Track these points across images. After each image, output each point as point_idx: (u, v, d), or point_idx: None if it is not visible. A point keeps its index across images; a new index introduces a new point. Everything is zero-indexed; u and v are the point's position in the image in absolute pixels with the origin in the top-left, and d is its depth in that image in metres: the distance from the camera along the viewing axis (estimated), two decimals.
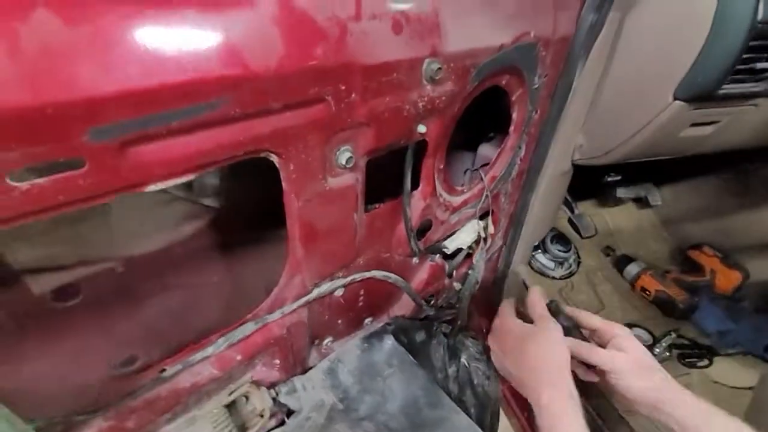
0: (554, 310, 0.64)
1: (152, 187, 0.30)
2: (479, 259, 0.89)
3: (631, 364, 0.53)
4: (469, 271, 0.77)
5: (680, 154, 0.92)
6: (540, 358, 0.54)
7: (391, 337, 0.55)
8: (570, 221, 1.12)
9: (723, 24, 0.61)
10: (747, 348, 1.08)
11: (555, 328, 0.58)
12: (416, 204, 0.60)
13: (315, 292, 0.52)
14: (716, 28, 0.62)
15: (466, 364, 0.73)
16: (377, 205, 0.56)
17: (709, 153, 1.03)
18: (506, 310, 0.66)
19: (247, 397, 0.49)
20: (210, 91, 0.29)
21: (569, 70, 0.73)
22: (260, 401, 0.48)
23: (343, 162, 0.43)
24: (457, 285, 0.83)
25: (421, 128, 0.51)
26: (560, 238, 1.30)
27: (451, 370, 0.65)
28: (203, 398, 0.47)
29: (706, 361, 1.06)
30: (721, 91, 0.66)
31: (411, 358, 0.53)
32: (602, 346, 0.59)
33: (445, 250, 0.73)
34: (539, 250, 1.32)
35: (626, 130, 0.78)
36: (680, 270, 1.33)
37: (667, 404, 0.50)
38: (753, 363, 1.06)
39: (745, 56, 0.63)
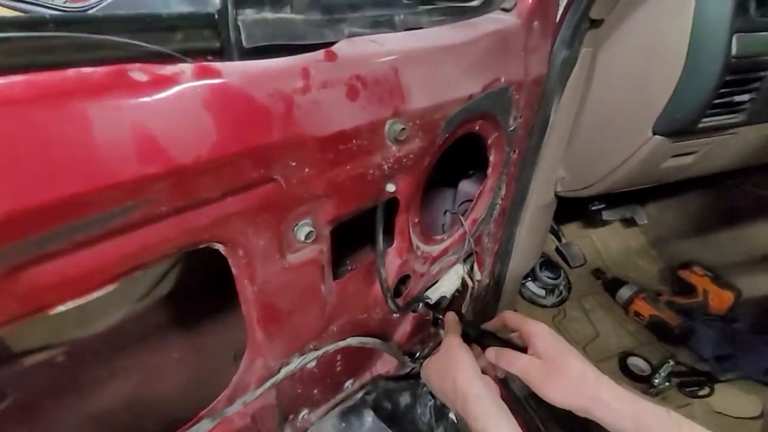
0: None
1: (61, 308, 0.26)
2: (468, 307, 0.85)
3: (546, 372, 0.50)
4: None
5: (662, 182, 0.90)
6: (442, 373, 0.55)
7: (371, 413, 0.50)
8: (557, 250, 1.09)
9: (697, 60, 0.60)
10: (747, 372, 1.05)
11: (450, 339, 0.58)
12: (392, 262, 0.55)
13: (283, 372, 0.47)
14: (690, 65, 0.60)
15: (455, 420, 0.68)
16: (348, 268, 0.51)
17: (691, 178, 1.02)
18: (435, 353, 0.62)
19: None
20: (123, 195, 0.25)
21: (545, 106, 0.71)
22: None
23: (303, 237, 0.39)
24: (442, 333, 0.78)
25: (390, 187, 0.47)
26: (549, 264, 1.27)
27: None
28: None
29: (707, 389, 1.03)
30: (700, 125, 0.65)
31: None
32: (526, 347, 0.56)
33: (428, 300, 0.69)
34: (529, 278, 1.28)
35: (607, 164, 0.76)
36: (672, 291, 1.31)
37: (590, 409, 0.47)
38: (755, 388, 1.03)
39: (722, 90, 0.62)
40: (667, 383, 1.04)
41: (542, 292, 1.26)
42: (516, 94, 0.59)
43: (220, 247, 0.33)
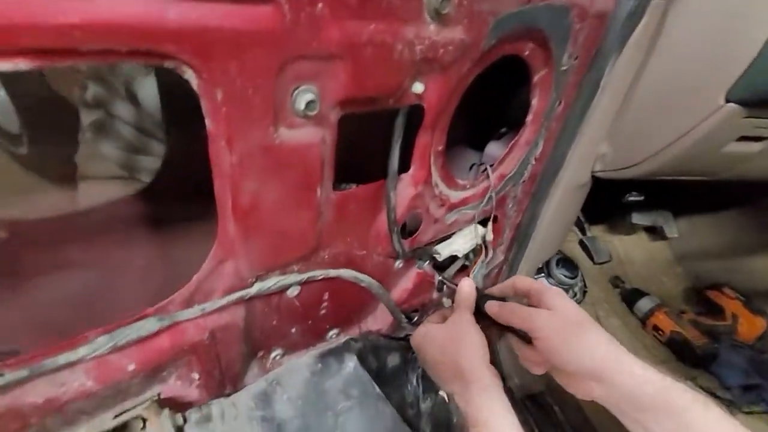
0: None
1: None
2: (478, 273, 0.76)
3: (557, 321, 0.44)
4: None
5: (716, 176, 0.80)
6: (446, 352, 0.47)
7: (355, 359, 0.41)
8: (581, 243, 0.99)
9: None
10: None
11: (461, 314, 0.50)
12: (404, 190, 0.47)
13: (256, 288, 0.39)
14: None
15: (446, 399, 0.59)
16: (352, 185, 0.43)
17: (746, 180, 0.91)
18: (431, 318, 0.54)
19: (145, 421, 0.36)
20: None
21: (599, 65, 0.62)
22: (157, 430, 0.34)
23: (303, 106, 0.31)
24: (447, 302, 0.69)
25: (418, 87, 0.39)
26: (566, 262, 1.17)
27: (425, 406, 0.52)
28: (76, 419, 0.34)
29: None
30: None
31: (377, 390, 0.40)
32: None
33: (436, 256, 0.60)
34: (542, 274, 1.18)
35: (662, 138, 0.66)
36: (696, 311, 1.20)
37: (607, 372, 0.41)
38: None
39: None
40: None
41: None
42: (577, 22, 0.50)
43: (189, 75, 0.25)
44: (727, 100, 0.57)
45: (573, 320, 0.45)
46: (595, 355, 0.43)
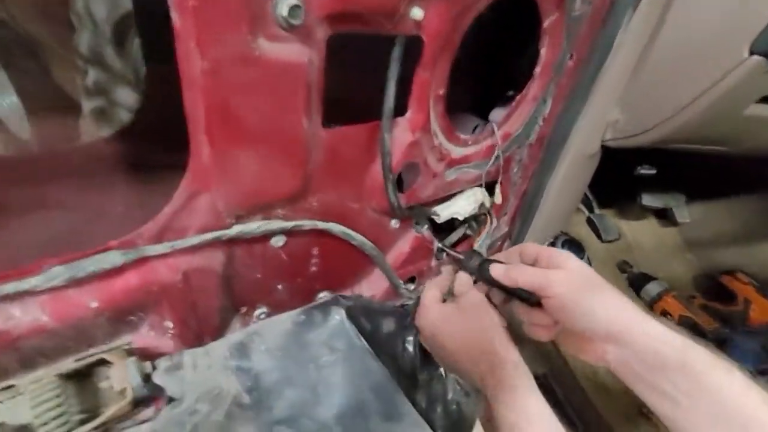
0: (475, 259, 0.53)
1: None
2: (483, 244, 0.73)
3: (569, 279, 0.42)
4: None
5: (735, 147, 0.76)
6: (469, 334, 0.45)
7: (342, 312, 0.38)
8: (589, 221, 0.95)
9: None
10: None
11: (475, 294, 0.49)
12: (401, 136, 0.43)
13: (236, 230, 0.35)
14: None
15: (443, 374, 0.56)
16: (344, 123, 0.40)
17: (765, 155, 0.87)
18: (429, 294, 0.52)
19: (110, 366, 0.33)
20: None
21: (615, 15, 0.58)
22: (120, 375, 0.31)
23: (285, 12, 0.27)
24: (446, 270, 0.66)
25: (416, 13, 0.35)
26: (572, 243, 1.13)
27: (423, 378, 0.48)
28: (34, 360, 0.31)
29: None
30: None
31: (364, 342, 0.37)
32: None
33: (435, 217, 0.56)
34: None
35: (678, 98, 0.62)
36: (706, 297, 1.16)
37: (624, 331, 0.39)
38: None
39: None
40: None
41: None
42: None
43: None
44: (751, 53, 0.53)
45: (587, 279, 0.42)
46: (611, 312, 0.40)
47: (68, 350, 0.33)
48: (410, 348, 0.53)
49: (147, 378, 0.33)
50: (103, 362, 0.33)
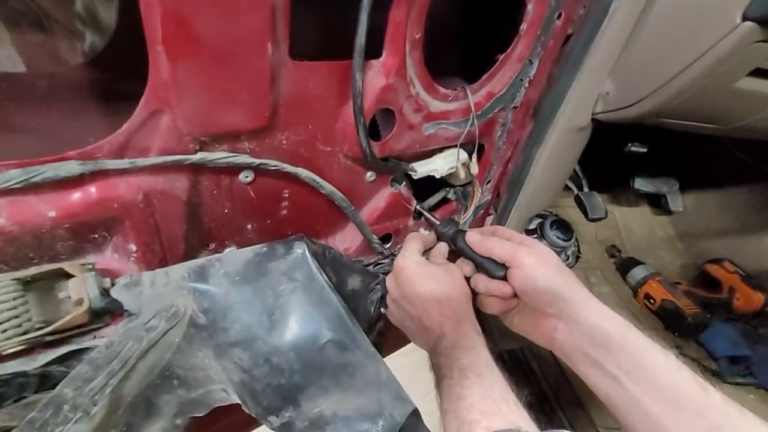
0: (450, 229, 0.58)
1: None
2: (468, 220, 0.73)
3: (537, 255, 0.47)
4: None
5: (727, 125, 0.74)
6: (446, 290, 0.49)
7: (304, 247, 0.39)
8: (577, 198, 0.95)
9: None
10: (761, 381, 0.91)
11: (454, 266, 0.54)
12: (374, 78, 0.43)
13: (199, 156, 0.36)
14: None
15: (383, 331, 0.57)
16: (314, 58, 0.39)
17: (760, 137, 0.85)
18: (414, 243, 0.56)
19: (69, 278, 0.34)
20: None
21: None
22: (78, 287, 0.32)
23: None
24: (424, 232, 0.66)
25: None
26: (561, 224, 1.13)
27: (371, 338, 0.49)
28: None
29: None
30: None
31: (323, 276, 0.37)
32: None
33: (412, 173, 0.56)
34: (535, 236, 1.15)
35: (670, 67, 0.61)
36: (692, 284, 1.16)
37: (575, 309, 0.43)
38: (765, 397, 0.89)
39: None
40: None
41: None
42: None
43: None
44: (744, 19, 0.52)
45: (552, 258, 0.47)
46: (567, 291, 0.44)
47: (30, 261, 0.33)
48: (371, 309, 0.53)
49: (106, 293, 0.34)
50: (64, 276, 0.34)
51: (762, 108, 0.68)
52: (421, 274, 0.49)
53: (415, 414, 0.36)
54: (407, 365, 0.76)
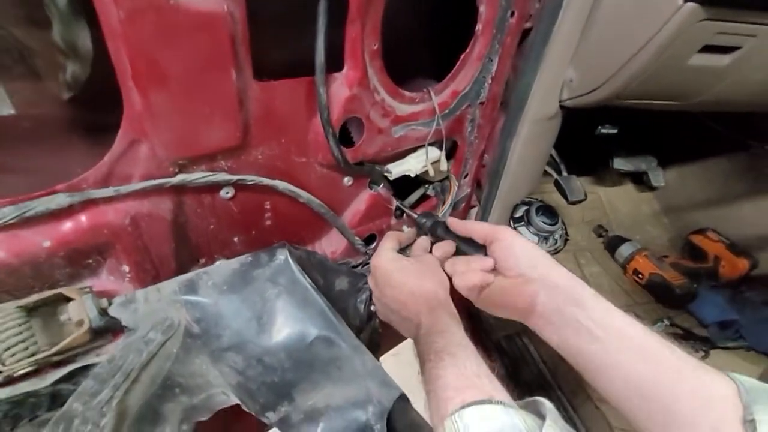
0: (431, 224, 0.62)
1: None
2: (447, 211, 0.76)
3: (512, 231, 0.53)
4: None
5: (688, 101, 0.77)
6: (419, 282, 0.52)
7: (286, 253, 0.41)
8: (556, 183, 0.98)
9: None
10: (750, 343, 0.94)
11: (431, 257, 0.57)
12: (338, 91, 0.46)
13: (179, 178, 0.38)
14: None
15: (378, 329, 0.59)
16: (278, 78, 0.42)
17: (723, 109, 0.89)
18: (388, 242, 0.59)
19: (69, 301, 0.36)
20: None
21: None
22: (78, 309, 0.35)
23: None
24: (406, 230, 0.69)
25: None
26: (546, 209, 1.16)
27: (364, 336, 0.52)
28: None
29: (701, 353, 0.92)
30: None
31: (306, 279, 0.40)
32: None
33: (387, 174, 0.59)
34: (522, 223, 1.18)
35: (623, 52, 0.64)
36: (679, 256, 1.19)
37: (553, 273, 0.48)
38: (755, 359, 0.92)
39: None
40: None
41: (535, 239, 1.16)
42: None
43: None
44: (686, 0, 0.55)
45: (525, 238, 0.53)
46: (542, 259, 0.49)
47: (31, 290, 0.36)
48: (361, 308, 0.56)
49: (104, 312, 0.37)
50: (64, 299, 0.37)
51: (717, 81, 0.71)
52: (393, 270, 0.52)
53: (403, 398, 0.39)
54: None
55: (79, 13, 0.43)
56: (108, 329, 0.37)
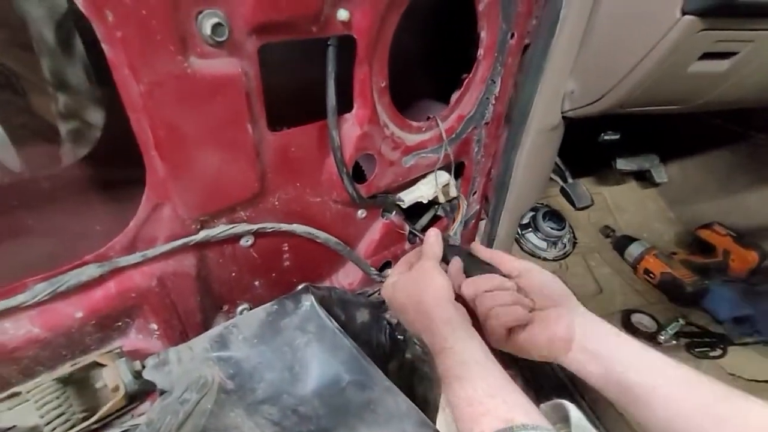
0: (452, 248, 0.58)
1: None
2: (456, 232, 0.76)
3: (540, 268, 0.51)
4: None
5: (689, 105, 0.78)
6: (412, 295, 0.49)
7: (311, 298, 0.42)
8: (563, 191, 0.98)
9: None
10: (767, 336, 0.94)
11: (424, 262, 0.52)
12: (350, 130, 0.46)
13: (202, 234, 0.39)
14: None
15: (412, 360, 0.59)
16: (291, 126, 0.43)
17: (723, 108, 0.89)
18: (397, 266, 0.57)
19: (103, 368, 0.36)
20: None
21: None
22: (113, 375, 0.35)
23: (209, 31, 0.30)
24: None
25: (342, 14, 0.38)
26: (553, 214, 1.16)
27: (393, 365, 0.52)
28: (34, 370, 0.34)
29: (719, 351, 0.92)
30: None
31: (333, 323, 0.40)
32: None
33: (399, 203, 0.60)
34: (530, 229, 1.18)
35: (624, 64, 0.65)
36: (689, 252, 1.19)
37: (574, 300, 0.48)
38: None
39: None
40: (674, 342, 0.94)
41: (543, 245, 1.16)
42: None
43: None
44: (684, 12, 0.56)
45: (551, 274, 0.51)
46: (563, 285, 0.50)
47: (64, 358, 0.36)
48: (383, 338, 0.56)
49: (138, 375, 0.37)
50: (97, 366, 0.37)
51: (717, 85, 0.71)
52: (396, 291, 0.52)
53: None
54: None
55: (70, 47, 0.43)
56: (143, 392, 0.37)
